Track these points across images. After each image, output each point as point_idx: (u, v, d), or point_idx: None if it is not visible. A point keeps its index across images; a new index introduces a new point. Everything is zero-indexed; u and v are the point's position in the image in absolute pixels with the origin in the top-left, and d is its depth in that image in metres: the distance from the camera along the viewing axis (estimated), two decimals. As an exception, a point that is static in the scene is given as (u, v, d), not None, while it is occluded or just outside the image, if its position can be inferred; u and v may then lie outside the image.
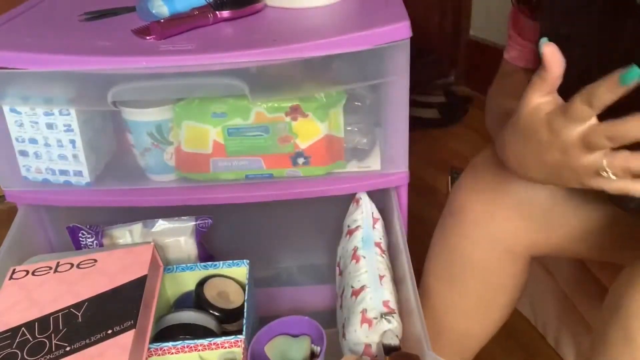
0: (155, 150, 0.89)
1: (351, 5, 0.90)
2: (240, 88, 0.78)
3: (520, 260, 0.82)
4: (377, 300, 0.73)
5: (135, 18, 0.88)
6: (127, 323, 0.66)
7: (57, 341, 0.65)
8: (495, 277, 0.82)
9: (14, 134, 0.88)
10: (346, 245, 0.84)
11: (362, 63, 0.80)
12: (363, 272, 0.77)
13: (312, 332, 0.72)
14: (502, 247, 0.79)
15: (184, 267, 0.81)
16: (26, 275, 0.75)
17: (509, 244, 0.78)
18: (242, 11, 0.87)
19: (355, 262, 0.79)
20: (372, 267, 0.77)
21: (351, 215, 0.86)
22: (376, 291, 0.74)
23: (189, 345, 0.69)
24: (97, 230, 0.90)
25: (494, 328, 0.88)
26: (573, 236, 0.77)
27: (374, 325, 0.71)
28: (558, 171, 0.56)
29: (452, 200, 0.82)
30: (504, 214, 0.77)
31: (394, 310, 0.72)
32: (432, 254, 0.87)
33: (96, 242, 0.90)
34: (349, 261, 0.80)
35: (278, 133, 0.86)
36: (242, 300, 0.78)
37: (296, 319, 0.73)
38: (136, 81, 0.79)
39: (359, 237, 0.81)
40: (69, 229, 0.90)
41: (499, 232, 0.78)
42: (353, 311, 0.74)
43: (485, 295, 0.84)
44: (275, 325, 0.74)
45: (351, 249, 0.81)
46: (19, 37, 0.85)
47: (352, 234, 0.83)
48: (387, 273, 0.77)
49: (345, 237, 0.85)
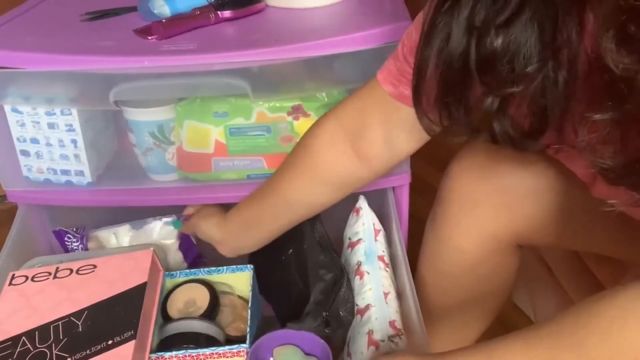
0: (156, 150, 0.89)
1: (352, 5, 0.90)
2: (242, 88, 0.79)
3: (508, 249, 0.82)
4: (383, 321, 0.72)
5: (137, 18, 0.88)
6: (127, 333, 0.66)
7: (58, 351, 0.65)
8: (484, 266, 0.82)
9: (16, 133, 0.88)
10: (348, 258, 0.83)
11: (364, 63, 0.80)
12: (367, 289, 0.76)
13: (319, 352, 0.71)
14: (488, 235, 0.79)
15: (187, 272, 0.81)
16: (25, 281, 0.74)
17: (494, 232, 0.79)
18: (243, 11, 0.87)
19: (359, 278, 0.78)
20: (376, 284, 0.76)
21: (352, 227, 0.85)
22: (381, 311, 0.73)
23: (191, 355, 0.69)
24: (83, 234, 0.90)
25: (488, 318, 0.89)
26: (557, 226, 0.77)
27: (381, 348, 0.71)
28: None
29: (440, 189, 0.83)
30: (488, 202, 0.78)
31: (400, 330, 0.72)
32: (424, 243, 0.88)
33: (81, 245, 0.90)
34: (353, 276, 0.80)
35: (280, 133, 0.86)
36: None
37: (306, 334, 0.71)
38: (138, 81, 0.79)
39: (362, 251, 0.81)
40: (55, 233, 0.90)
41: (483, 219, 0.79)
42: (358, 331, 0.73)
43: (477, 285, 0.84)
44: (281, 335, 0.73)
45: (354, 264, 0.81)
46: (20, 37, 0.85)
47: (353, 247, 0.82)
48: (391, 289, 0.77)
49: (346, 250, 0.85)
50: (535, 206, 0.76)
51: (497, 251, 0.81)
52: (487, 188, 0.78)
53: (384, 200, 0.91)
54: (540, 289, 1.13)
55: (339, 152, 0.72)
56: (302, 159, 0.75)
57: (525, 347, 0.52)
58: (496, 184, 0.77)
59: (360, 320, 0.74)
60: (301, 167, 0.75)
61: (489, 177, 0.78)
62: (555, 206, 0.76)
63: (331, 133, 0.73)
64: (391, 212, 0.88)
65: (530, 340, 0.52)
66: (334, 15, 0.88)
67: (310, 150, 0.74)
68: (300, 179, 0.75)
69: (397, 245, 0.83)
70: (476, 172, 0.78)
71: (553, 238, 0.80)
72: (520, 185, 0.76)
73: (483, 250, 0.81)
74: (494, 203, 0.78)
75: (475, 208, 0.79)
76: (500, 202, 0.77)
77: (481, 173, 0.78)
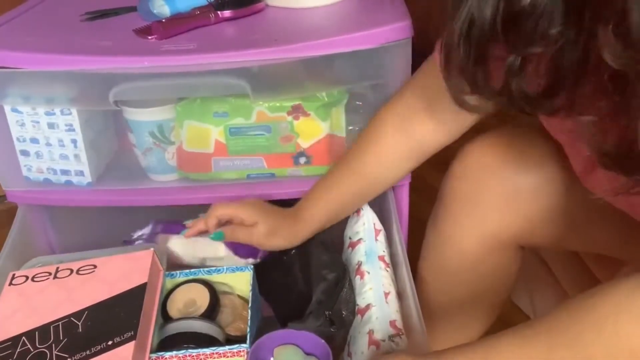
0: (156, 150, 0.89)
1: (352, 5, 0.90)
2: (241, 87, 0.79)
3: (509, 249, 0.82)
4: (384, 320, 0.72)
5: (137, 18, 0.88)
6: (127, 334, 0.65)
7: (58, 352, 0.65)
8: (485, 266, 0.82)
9: (16, 133, 0.87)
10: (349, 258, 0.83)
11: (364, 62, 0.80)
12: (368, 289, 0.76)
13: (319, 352, 0.71)
14: (490, 235, 0.79)
15: (187, 272, 0.81)
16: (26, 281, 0.74)
17: (496, 232, 0.79)
18: (243, 11, 0.87)
19: (360, 277, 0.78)
20: (377, 284, 0.76)
21: (352, 227, 0.85)
22: (382, 310, 0.73)
23: (191, 355, 0.68)
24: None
25: (488, 318, 0.89)
26: (558, 226, 0.77)
27: (382, 348, 0.71)
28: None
29: (441, 189, 0.83)
30: (489, 202, 0.78)
31: (401, 330, 0.72)
32: (425, 243, 0.88)
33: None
34: (353, 276, 0.80)
35: (280, 132, 0.86)
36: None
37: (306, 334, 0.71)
38: (138, 81, 0.79)
39: (362, 251, 0.81)
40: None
41: (485, 220, 0.79)
42: (359, 331, 0.73)
43: (477, 284, 0.84)
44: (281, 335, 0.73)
45: (355, 263, 0.81)
46: (20, 37, 0.85)
47: (354, 247, 0.82)
48: (392, 289, 0.77)
49: (347, 249, 0.85)
50: (537, 207, 0.76)
51: (498, 251, 0.81)
52: (488, 189, 0.78)
53: (384, 200, 0.91)
54: (540, 289, 1.13)
55: (417, 121, 0.75)
56: (379, 134, 0.78)
57: (522, 343, 0.52)
58: (498, 184, 0.77)
59: (360, 320, 0.74)
60: (383, 142, 0.77)
61: (490, 177, 0.78)
62: (556, 207, 0.76)
63: (406, 103, 0.75)
64: (391, 212, 0.88)
65: (526, 336, 0.52)
66: (334, 15, 0.88)
67: (385, 125, 0.77)
68: (384, 154, 0.78)
69: (397, 245, 0.83)
70: (478, 173, 0.79)
71: (554, 239, 0.80)
72: (522, 186, 0.76)
73: (484, 251, 0.81)
74: (496, 203, 0.78)
75: (477, 208, 0.79)
76: (501, 202, 0.77)
77: (483, 173, 0.78)
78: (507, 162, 0.76)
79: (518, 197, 0.77)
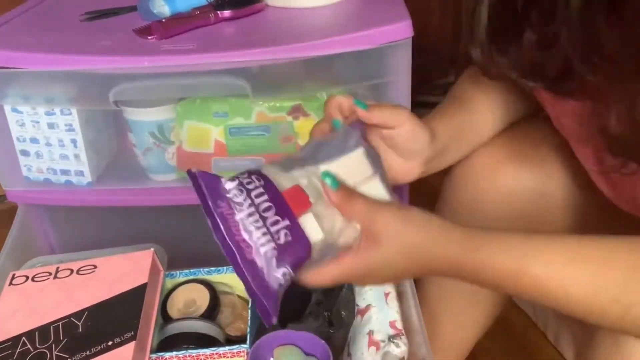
0: (156, 150, 0.89)
1: (352, 5, 0.90)
2: (241, 87, 0.79)
3: None
4: (384, 321, 0.72)
5: (137, 18, 0.88)
6: (127, 334, 0.66)
7: (58, 352, 0.65)
8: None
9: (16, 133, 0.88)
10: None
11: (364, 63, 0.80)
12: (368, 289, 0.76)
13: (319, 353, 0.71)
14: None
15: (187, 272, 0.81)
16: (26, 281, 0.74)
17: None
18: (243, 11, 0.87)
19: None
20: None
21: None
22: (382, 311, 0.73)
23: (191, 355, 0.69)
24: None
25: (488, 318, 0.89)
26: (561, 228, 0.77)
27: (382, 348, 0.70)
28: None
29: (443, 190, 0.84)
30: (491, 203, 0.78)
31: (401, 331, 0.72)
32: None
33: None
34: None
35: (280, 133, 0.86)
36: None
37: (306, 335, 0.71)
38: (138, 81, 0.79)
39: None
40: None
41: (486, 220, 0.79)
42: (359, 331, 0.73)
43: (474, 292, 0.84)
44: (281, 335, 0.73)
45: None
46: (20, 37, 0.85)
47: None
48: (392, 289, 0.77)
49: None
50: (538, 207, 0.76)
51: None
52: (490, 190, 0.78)
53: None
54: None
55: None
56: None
57: (571, 246, 0.54)
58: (500, 186, 0.77)
59: (360, 321, 0.74)
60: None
61: (492, 178, 0.78)
62: (559, 209, 0.76)
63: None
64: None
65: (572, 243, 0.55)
66: (334, 15, 0.88)
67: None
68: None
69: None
70: (480, 174, 0.79)
71: None
72: (525, 188, 0.76)
73: None
74: (497, 204, 0.78)
75: (478, 209, 0.79)
76: (503, 203, 0.77)
77: (485, 175, 0.78)
78: (508, 162, 0.76)
79: (520, 199, 0.77)
